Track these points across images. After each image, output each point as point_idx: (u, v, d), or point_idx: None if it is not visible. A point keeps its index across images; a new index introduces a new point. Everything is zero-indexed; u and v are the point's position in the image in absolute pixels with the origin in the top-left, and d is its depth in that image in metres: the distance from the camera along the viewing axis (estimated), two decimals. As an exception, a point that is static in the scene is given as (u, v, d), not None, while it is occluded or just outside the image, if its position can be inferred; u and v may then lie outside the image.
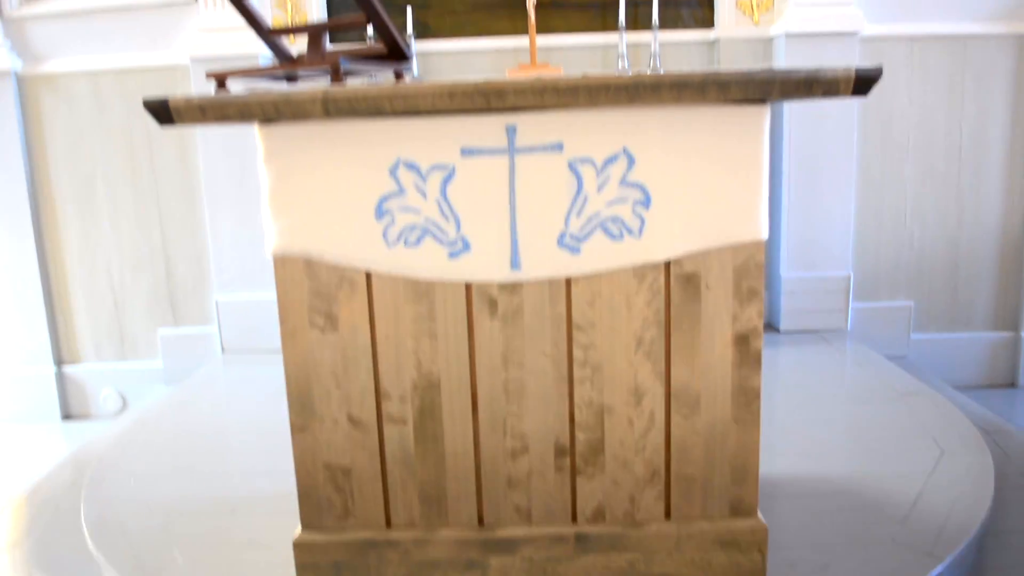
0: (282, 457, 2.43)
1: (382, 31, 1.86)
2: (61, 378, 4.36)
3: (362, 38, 4.09)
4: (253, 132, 3.44)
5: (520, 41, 4.20)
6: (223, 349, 4.14)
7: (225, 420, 3.22)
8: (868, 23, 4.03)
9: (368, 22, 1.84)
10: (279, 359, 3.52)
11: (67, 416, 4.39)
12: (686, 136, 1.76)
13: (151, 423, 3.20)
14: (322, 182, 1.79)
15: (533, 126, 1.75)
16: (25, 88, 4.12)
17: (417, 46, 4.17)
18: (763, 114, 1.75)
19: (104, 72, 4.09)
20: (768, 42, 4.16)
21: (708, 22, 4.23)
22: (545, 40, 4.18)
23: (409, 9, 4.08)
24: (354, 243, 1.81)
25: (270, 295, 4.07)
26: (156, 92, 4.10)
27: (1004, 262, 4.22)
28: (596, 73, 1.69)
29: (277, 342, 4.02)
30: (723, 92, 1.69)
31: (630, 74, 1.70)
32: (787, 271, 4.10)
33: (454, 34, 4.23)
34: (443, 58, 4.23)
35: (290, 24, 4.13)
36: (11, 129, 4.09)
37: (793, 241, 4.09)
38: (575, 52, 4.22)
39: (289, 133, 1.79)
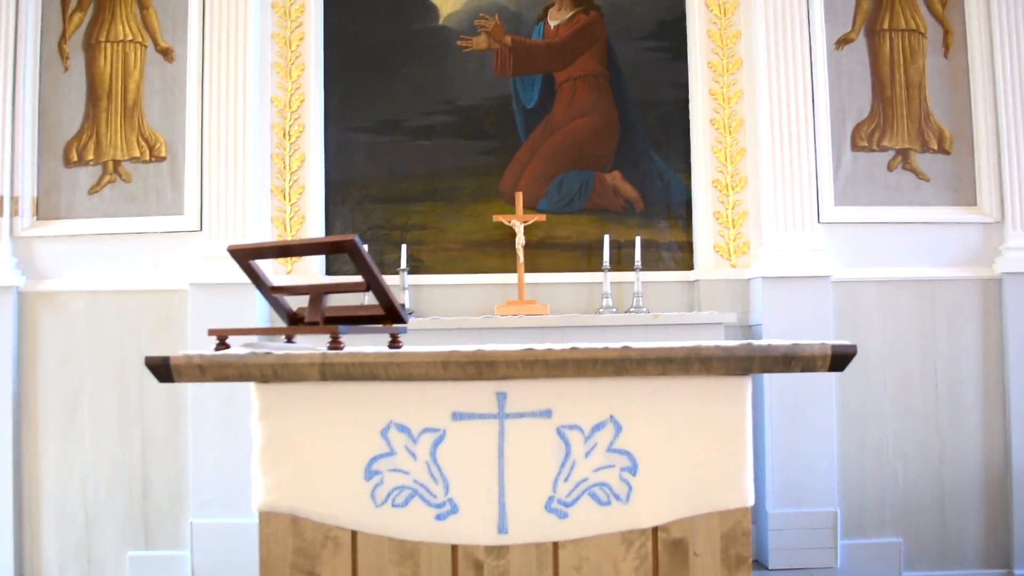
0: None
1: (380, 296, 1.98)
2: (17, 602, 4.13)
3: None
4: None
5: (509, 278, 4.42)
6: (193, 575, 3.97)
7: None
8: (839, 267, 4.27)
9: (368, 288, 1.96)
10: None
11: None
12: (671, 405, 1.82)
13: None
14: (314, 441, 1.83)
15: (523, 393, 1.82)
16: (24, 303, 4.23)
17: (411, 279, 4.36)
18: (744, 386, 1.83)
19: (103, 292, 4.23)
20: (745, 283, 4.38)
21: (688, 264, 4.48)
22: (533, 278, 4.40)
23: (404, 247, 4.32)
24: (342, 502, 1.81)
25: (248, 520, 3.96)
26: (154, 313, 4.21)
27: (990, 498, 4.21)
28: (584, 347, 1.78)
29: (251, 571, 3.86)
30: (705, 367, 1.78)
31: (618, 346, 1.79)
32: (773, 507, 4.06)
33: (447, 270, 4.45)
34: (435, 291, 4.42)
35: (289, 267, 4.35)
36: (5, 342, 4.15)
37: (778, 477, 4.08)
38: (561, 289, 4.42)
39: (285, 392, 1.84)
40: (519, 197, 4.36)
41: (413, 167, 4.51)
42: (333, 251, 1.97)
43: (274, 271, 4.35)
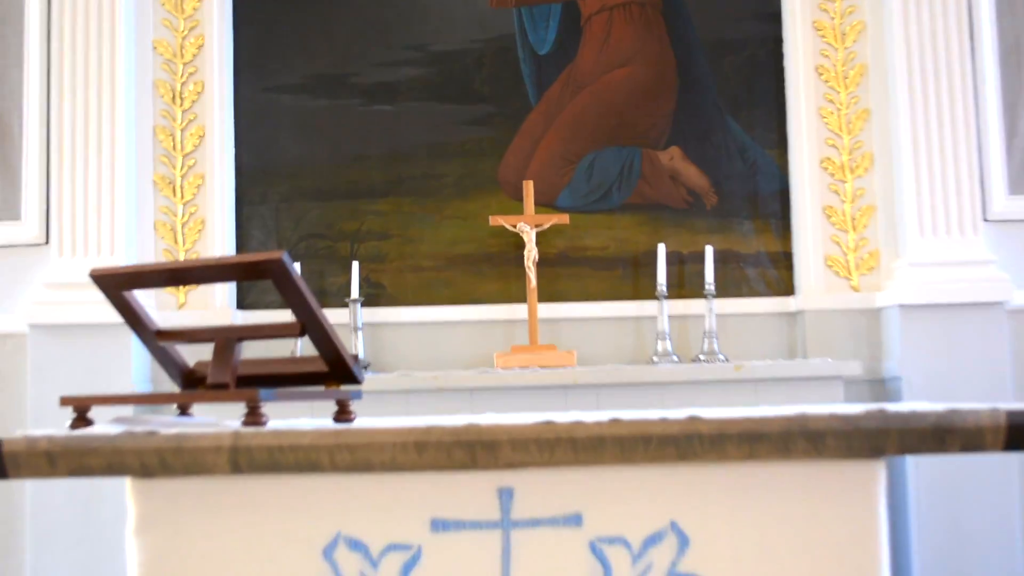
0: None
1: (322, 343, 1.97)
2: None
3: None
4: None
5: (515, 311, 4.43)
6: None
7: None
8: (1017, 288, 4.26)
9: (302, 332, 1.96)
10: None
11: None
12: (763, 506, 1.82)
13: None
14: (220, 566, 1.82)
15: (538, 490, 1.82)
16: None
17: (367, 315, 4.37)
18: (876, 475, 1.83)
19: None
20: (874, 315, 4.38)
21: (787, 286, 4.48)
22: (551, 311, 4.41)
23: (356, 266, 4.33)
24: (263, 660, 1.80)
25: None
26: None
27: None
28: (630, 417, 1.78)
29: None
30: (815, 447, 1.78)
31: (681, 417, 1.79)
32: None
33: (420, 300, 4.46)
34: (404, 333, 4.42)
35: (182, 299, 4.35)
36: None
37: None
38: (594, 328, 4.43)
39: (177, 493, 1.84)
40: (528, 188, 4.37)
41: (368, 145, 4.54)
42: (249, 276, 1.98)
43: (159, 307, 4.35)
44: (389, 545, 1.83)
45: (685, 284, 4.47)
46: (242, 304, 4.48)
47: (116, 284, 2.07)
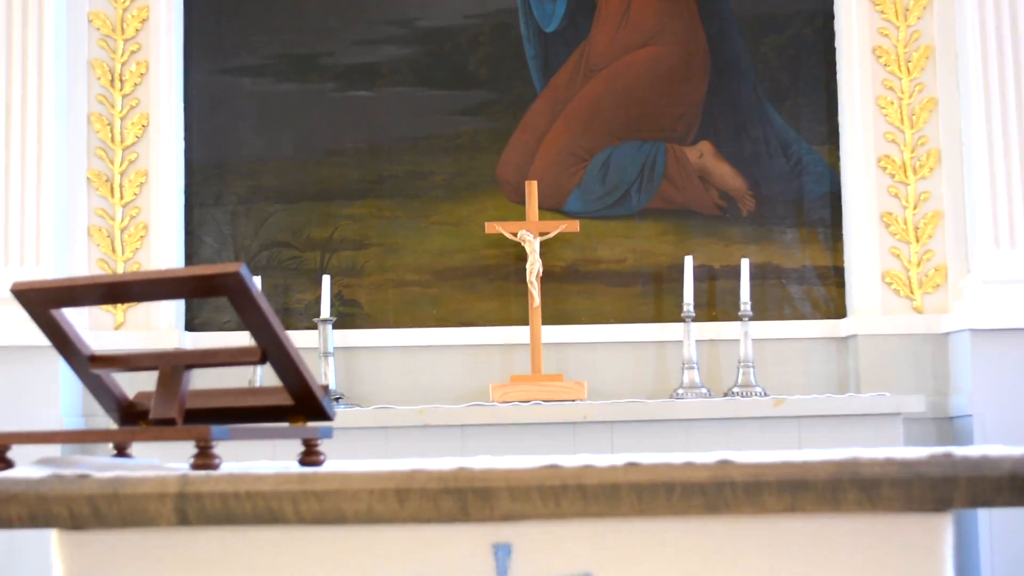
0: None
1: (286, 372, 1.97)
2: None
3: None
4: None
5: (514, 334, 4.45)
6: None
7: None
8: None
9: (262, 359, 1.96)
10: None
11: None
12: (806, 568, 1.82)
13: None
14: (164, 635, 1.82)
15: (540, 547, 1.81)
16: None
17: (339, 338, 4.38)
18: (940, 531, 1.83)
19: None
20: (941, 341, 4.39)
21: (836, 307, 4.50)
22: (557, 333, 4.43)
23: (327, 280, 4.34)
24: None
25: None
26: None
27: None
28: (650, 461, 1.78)
29: None
30: (869, 497, 1.78)
31: (710, 461, 1.79)
32: None
33: (402, 321, 4.48)
34: (383, 359, 4.43)
35: (120, 318, 4.35)
36: None
37: None
38: (608, 353, 4.44)
39: (113, 548, 1.84)
40: (531, 190, 4.39)
41: (342, 137, 4.55)
42: (201, 292, 1.97)
43: (93, 327, 4.36)
44: (364, 611, 1.82)
45: (716, 304, 4.49)
46: (191, 325, 4.49)
47: (42, 301, 2.07)
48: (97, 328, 4.34)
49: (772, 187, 4.55)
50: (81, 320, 4.29)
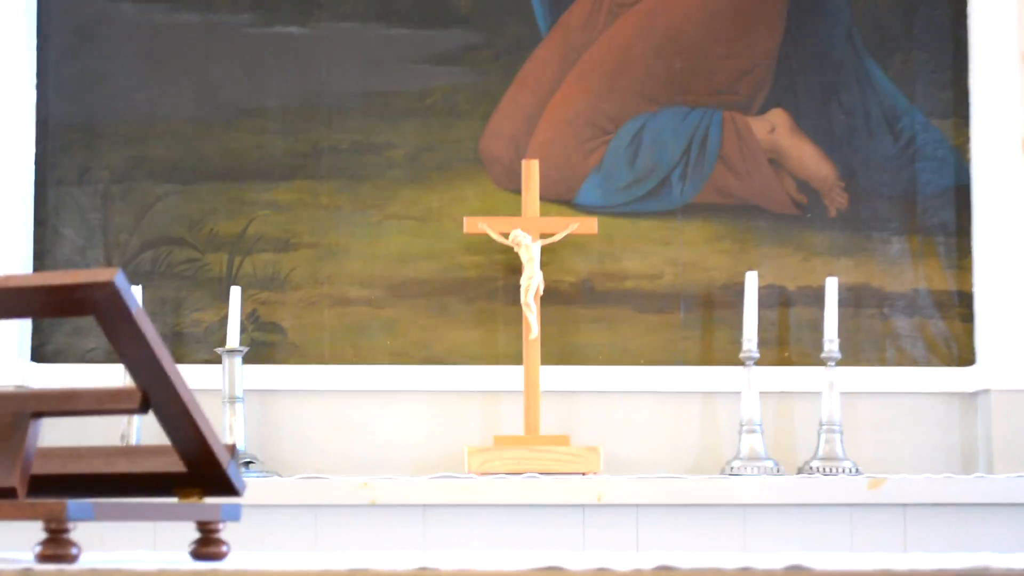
0: None
1: (178, 425, 1.98)
2: None
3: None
4: None
5: (502, 377, 4.47)
6: None
7: None
8: None
9: (144, 405, 1.97)
10: None
11: None
12: None
13: None
14: None
15: None
16: None
17: (253, 377, 4.39)
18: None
19: None
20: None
21: (962, 352, 4.53)
22: (563, 377, 4.46)
23: (236, 294, 4.35)
24: None
25: None
26: None
27: None
28: (691, 565, 1.81)
29: None
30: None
31: (777, 567, 1.81)
32: None
33: (341, 354, 4.50)
34: (311, 408, 4.46)
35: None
36: None
37: None
38: (634, 409, 4.47)
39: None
40: (531, 172, 4.41)
41: (263, 91, 4.58)
42: (57, 309, 1.99)
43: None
44: None
45: (790, 341, 4.52)
46: (40, 355, 4.51)
47: None
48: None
49: (872, 177, 4.59)
50: None
